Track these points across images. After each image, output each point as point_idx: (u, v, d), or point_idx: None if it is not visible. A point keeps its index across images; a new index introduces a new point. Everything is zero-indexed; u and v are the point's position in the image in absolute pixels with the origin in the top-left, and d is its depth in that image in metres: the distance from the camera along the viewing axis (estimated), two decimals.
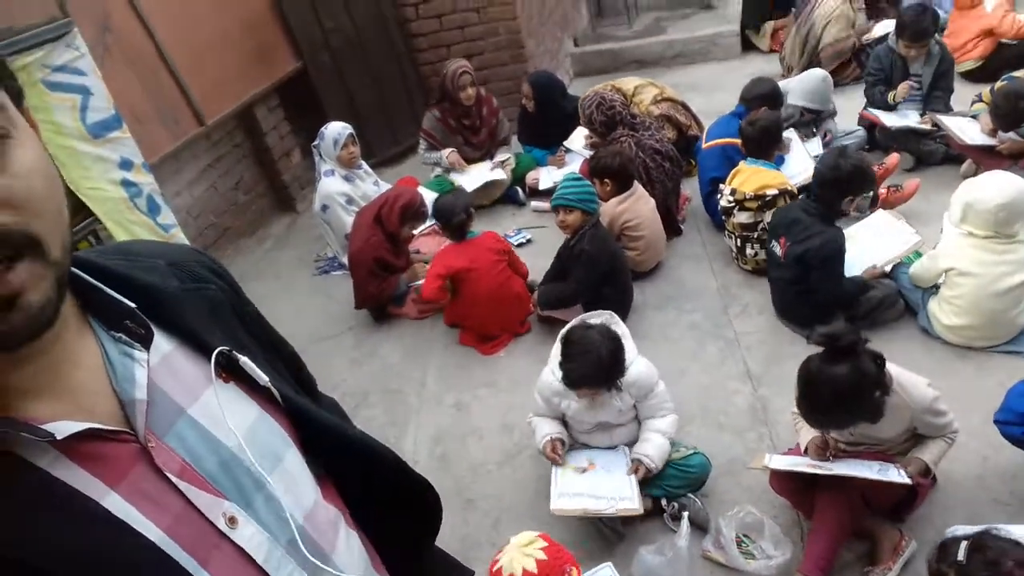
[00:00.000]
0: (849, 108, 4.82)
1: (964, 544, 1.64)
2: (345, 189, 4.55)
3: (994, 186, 2.91)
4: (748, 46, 6.67)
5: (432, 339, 3.95)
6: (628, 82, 5.08)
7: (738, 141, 3.91)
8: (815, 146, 4.37)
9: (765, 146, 3.65)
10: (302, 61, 5.45)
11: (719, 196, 3.84)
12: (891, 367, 2.33)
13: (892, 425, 2.34)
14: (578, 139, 4.59)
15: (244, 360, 0.79)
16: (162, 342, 0.76)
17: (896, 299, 3.28)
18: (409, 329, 4.06)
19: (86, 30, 3.81)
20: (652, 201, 3.90)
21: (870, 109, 4.52)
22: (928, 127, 4.23)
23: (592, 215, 3.60)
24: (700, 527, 2.59)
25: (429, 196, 4.82)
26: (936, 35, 4.45)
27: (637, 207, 3.81)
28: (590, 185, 3.66)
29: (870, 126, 4.55)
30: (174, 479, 0.68)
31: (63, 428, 0.62)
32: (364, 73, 5.72)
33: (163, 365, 0.74)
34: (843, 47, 5.45)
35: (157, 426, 0.70)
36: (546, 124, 5.04)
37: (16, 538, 0.58)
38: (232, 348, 0.79)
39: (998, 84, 4.09)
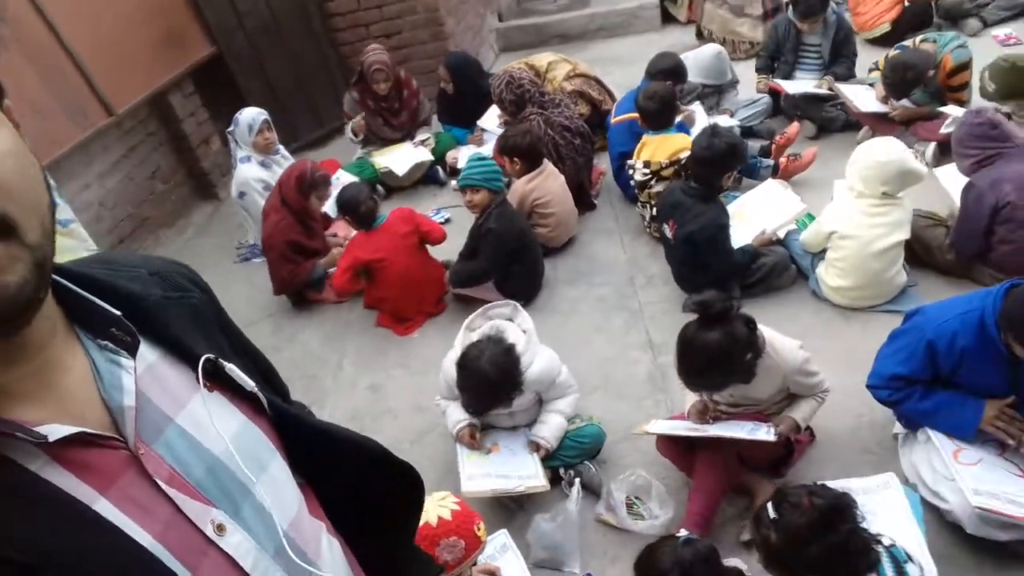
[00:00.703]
0: (754, 77, 4.94)
1: (768, 504, 1.79)
2: (262, 175, 4.52)
3: (880, 147, 3.09)
4: (669, 18, 6.75)
5: (350, 322, 3.99)
6: (541, 59, 5.11)
7: None
8: (722, 120, 4.47)
9: (664, 117, 3.74)
10: (216, 45, 5.35)
11: (630, 171, 3.93)
12: (765, 330, 2.46)
13: (766, 386, 2.47)
14: (491, 118, 4.63)
15: (230, 367, 0.80)
16: (147, 351, 0.76)
17: (787, 265, 3.43)
18: (328, 313, 4.10)
19: None
20: (562, 178, 3.97)
21: (773, 79, 4.65)
22: (827, 91, 4.37)
23: (498, 193, 3.66)
24: (595, 492, 2.71)
25: (349, 179, 4.85)
26: (832, 4, 4.58)
27: (546, 184, 3.88)
28: (495, 164, 3.73)
29: (775, 94, 4.68)
30: (163, 486, 0.69)
31: (55, 431, 0.62)
32: (283, 55, 5.65)
33: (149, 373, 0.75)
34: None
35: (145, 434, 0.71)
36: (465, 103, 5.06)
37: (7, 536, 0.58)
38: (217, 356, 0.79)
39: (890, 53, 4.24)
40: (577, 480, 2.63)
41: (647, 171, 3.78)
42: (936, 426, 2.36)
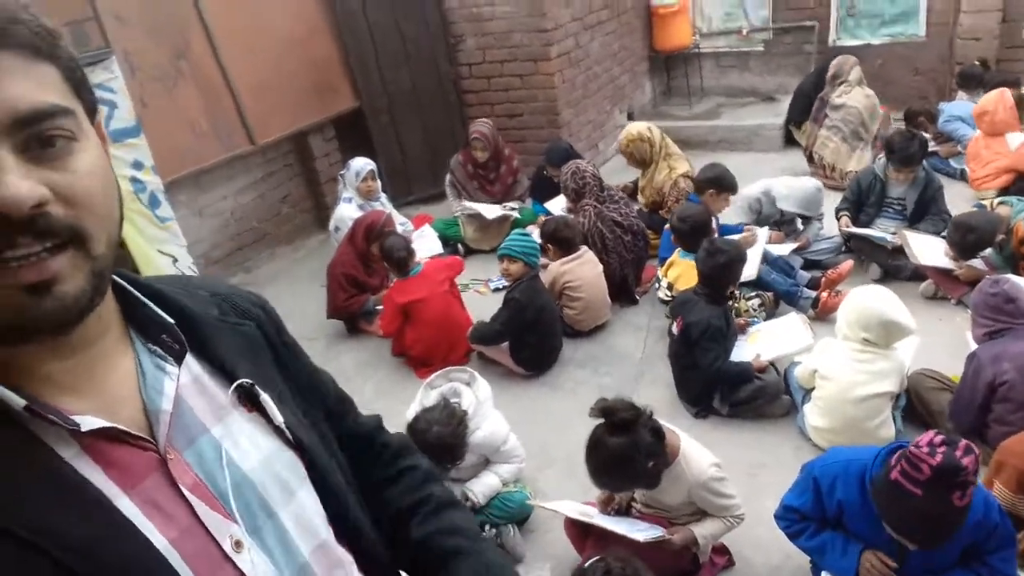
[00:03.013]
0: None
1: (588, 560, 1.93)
2: (357, 216, 5.13)
3: (869, 293, 3.10)
4: (792, 141, 6.78)
5: (386, 356, 4.40)
6: (673, 146, 5.33)
7: None
8: (784, 248, 4.48)
9: (694, 240, 3.84)
10: (360, 102, 6.16)
11: (657, 285, 4.08)
12: (684, 440, 2.56)
13: (674, 494, 2.55)
14: (559, 202, 4.97)
15: (264, 397, 0.82)
16: (194, 363, 0.80)
17: (778, 393, 3.41)
18: (372, 344, 4.55)
19: (163, 55, 4.69)
20: (599, 267, 4.20)
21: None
22: (891, 241, 4.27)
23: (532, 268, 3.96)
24: (510, 554, 2.87)
25: (432, 234, 5.37)
26: (924, 162, 4.48)
27: (580, 270, 4.13)
28: (534, 241, 4.04)
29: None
30: (186, 493, 0.71)
31: (88, 422, 0.66)
32: (415, 118, 6.37)
33: (194, 384, 0.78)
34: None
35: (178, 440, 0.74)
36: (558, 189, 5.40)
37: (17, 512, 0.61)
38: (257, 383, 0.82)
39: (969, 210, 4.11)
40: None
41: (670, 293, 3.93)
42: (823, 566, 2.33)
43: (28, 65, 0.63)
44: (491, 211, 5.40)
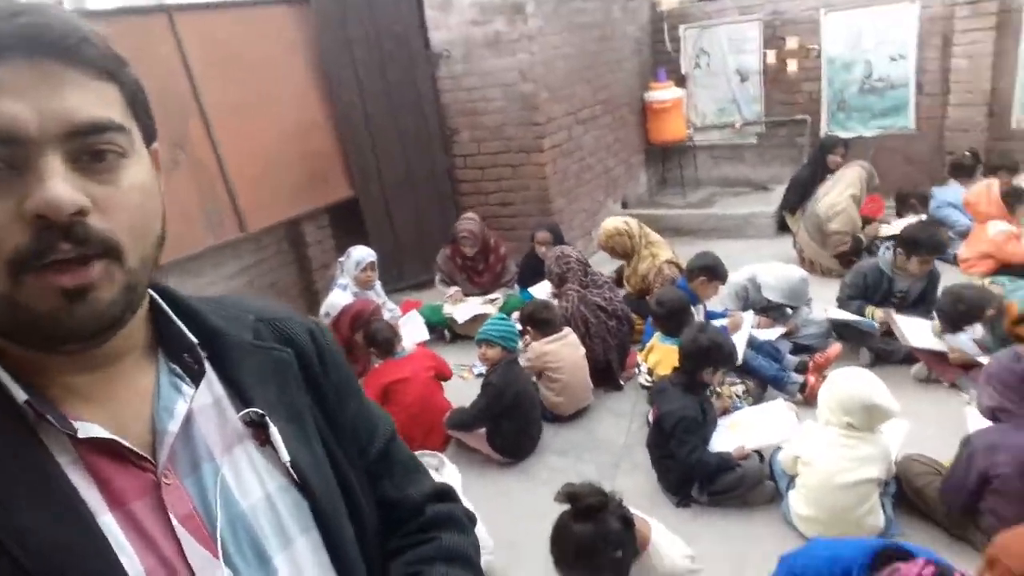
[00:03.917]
0: (827, 296, 4.79)
1: None
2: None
3: (850, 375, 2.96)
4: (785, 228, 6.77)
5: None
6: (653, 235, 5.28)
7: None
8: (773, 333, 4.39)
9: (674, 325, 3.78)
10: (354, 190, 6.27)
11: (637, 371, 3.99)
12: (655, 529, 2.43)
13: None
14: (544, 287, 4.94)
15: (272, 430, 0.77)
16: (217, 386, 0.77)
17: (760, 480, 3.25)
18: None
19: (162, 146, 4.82)
20: (581, 349, 4.11)
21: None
22: (879, 328, 4.15)
23: (511, 352, 3.88)
24: None
25: (419, 320, 5.33)
26: None
27: (563, 352, 4.04)
28: (513, 326, 3.98)
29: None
30: (175, 523, 0.67)
31: (87, 429, 0.65)
32: (409, 207, 6.45)
33: (212, 408, 0.76)
34: (840, 242, 5.51)
35: (181, 464, 0.71)
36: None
37: (5, 518, 0.60)
38: (274, 414, 0.78)
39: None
40: None
41: (650, 379, 3.84)
42: None
43: (92, 82, 0.66)
44: (464, 314, 5.36)
